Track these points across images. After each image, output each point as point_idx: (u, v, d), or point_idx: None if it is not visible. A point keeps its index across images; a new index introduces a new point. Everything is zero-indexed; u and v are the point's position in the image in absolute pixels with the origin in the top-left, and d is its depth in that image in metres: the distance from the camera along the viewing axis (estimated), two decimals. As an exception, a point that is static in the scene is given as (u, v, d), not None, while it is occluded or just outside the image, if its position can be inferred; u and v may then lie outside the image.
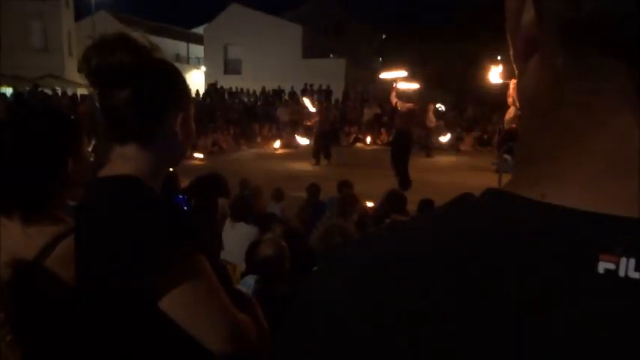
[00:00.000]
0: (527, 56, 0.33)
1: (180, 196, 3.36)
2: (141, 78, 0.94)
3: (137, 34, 0.95)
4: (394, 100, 8.64)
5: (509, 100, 8.25)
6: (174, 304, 0.86)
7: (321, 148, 11.95)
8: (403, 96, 8.65)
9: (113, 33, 0.93)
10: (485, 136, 14.44)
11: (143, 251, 0.85)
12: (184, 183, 4.02)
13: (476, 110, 13.71)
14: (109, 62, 0.91)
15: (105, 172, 0.98)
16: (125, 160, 0.96)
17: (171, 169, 1.30)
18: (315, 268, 0.39)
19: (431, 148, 13.04)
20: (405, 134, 8.52)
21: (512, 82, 7.73)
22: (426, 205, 4.69)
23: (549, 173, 0.32)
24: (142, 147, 0.96)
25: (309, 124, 12.16)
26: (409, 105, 8.47)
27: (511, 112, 9.74)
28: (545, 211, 0.30)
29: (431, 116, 13.03)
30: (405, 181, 8.36)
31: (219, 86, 21.66)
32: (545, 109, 0.32)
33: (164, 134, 0.98)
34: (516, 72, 0.36)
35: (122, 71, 0.92)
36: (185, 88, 1.02)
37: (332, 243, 2.49)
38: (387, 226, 0.39)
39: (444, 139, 13.98)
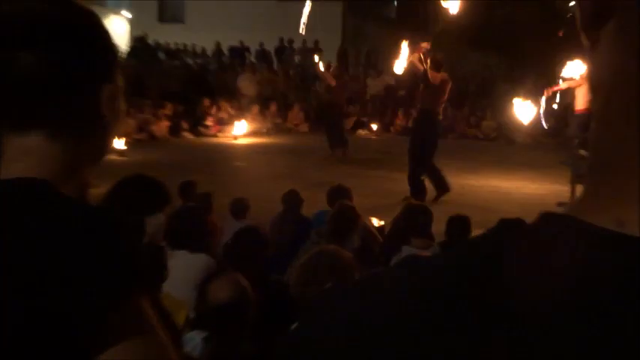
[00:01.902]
0: (600, 22, 0.36)
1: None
2: (55, 35, 0.94)
3: None
4: (419, 65, 8.54)
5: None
6: None
7: (327, 132, 12.00)
8: (433, 62, 8.54)
9: None
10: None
11: (71, 293, 0.86)
12: (99, 189, 4.02)
13: (537, 82, 13.71)
14: (7, 11, 0.92)
15: None
16: (27, 157, 0.96)
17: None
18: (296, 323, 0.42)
19: None
20: (432, 115, 8.53)
21: None
22: (457, 226, 4.72)
23: (630, 188, 0.34)
24: (51, 136, 0.96)
25: (333, 83, 11.99)
26: (442, 75, 8.45)
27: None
28: (624, 246, 0.33)
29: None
30: (419, 186, 8.36)
31: (150, 41, 21.54)
32: (621, 99, 0.35)
33: (84, 116, 0.99)
34: (584, 44, 0.38)
35: (27, 25, 0.92)
36: (113, 49, 1.04)
37: (319, 283, 2.51)
38: (402, 267, 0.42)
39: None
